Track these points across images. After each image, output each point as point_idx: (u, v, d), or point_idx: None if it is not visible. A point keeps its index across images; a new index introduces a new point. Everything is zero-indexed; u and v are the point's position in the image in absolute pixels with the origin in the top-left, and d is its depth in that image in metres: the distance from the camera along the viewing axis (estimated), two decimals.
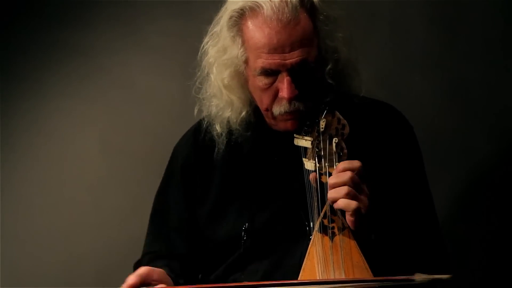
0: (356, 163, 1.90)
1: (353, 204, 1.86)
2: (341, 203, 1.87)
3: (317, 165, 1.96)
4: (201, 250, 2.18)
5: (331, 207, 1.92)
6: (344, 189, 1.86)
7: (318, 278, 1.89)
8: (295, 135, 2.02)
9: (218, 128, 2.13)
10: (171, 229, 2.19)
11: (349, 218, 1.89)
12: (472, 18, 2.84)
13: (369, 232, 1.93)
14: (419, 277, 1.83)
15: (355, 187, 1.87)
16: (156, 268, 1.94)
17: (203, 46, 2.10)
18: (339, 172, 1.90)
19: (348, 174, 1.88)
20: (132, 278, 1.87)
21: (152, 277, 1.91)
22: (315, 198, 1.94)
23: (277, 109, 2.01)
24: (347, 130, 1.98)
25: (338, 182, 1.88)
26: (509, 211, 2.80)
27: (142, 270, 1.90)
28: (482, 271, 2.80)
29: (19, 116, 2.94)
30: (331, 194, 1.89)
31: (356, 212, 1.87)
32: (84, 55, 2.93)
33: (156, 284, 1.90)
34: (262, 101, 2.04)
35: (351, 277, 1.88)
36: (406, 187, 2.10)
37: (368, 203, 1.89)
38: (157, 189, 2.26)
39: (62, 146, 2.95)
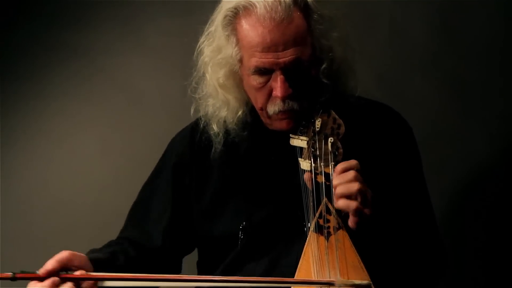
0: (353, 162, 1.91)
1: (352, 204, 1.87)
2: (342, 204, 1.87)
3: (313, 165, 1.96)
4: (179, 247, 2.19)
5: (327, 206, 1.92)
6: (355, 185, 1.87)
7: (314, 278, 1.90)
8: (290, 135, 2.02)
9: (214, 127, 2.13)
10: (150, 220, 2.19)
11: (352, 219, 1.89)
12: (472, 18, 2.83)
13: (369, 232, 1.93)
14: (339, 281, 1.85)
15: (362, 184, 1.88)
16: (78, 253, 1.92)
17: (199, 46, 2.10)
18: (341, 172, 1.90)
19: (352, 173, 1.88)
20: (51, 263, 1.85)
21: (73, 262, 1.89)
22: (311, 198, 1.94)
23: (272, 108, 2.01)
24: (342, 129, 1.98)
25: (343, 180, 1.88)
26: (508, 212, 2.79)
27: (63, 254, 1.88)
28: (481, 272, 2.80)
29: (19, 117, 2.95)
30: (340, 189, 1.88)
31: (358, 213, 1.87)
32: (84, 55, 2.94)
33: (76, 270, 1.87)
34: (257, 100, 2.04)
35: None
36: (404, 187, 2.10)
37: (372, 202, 1.89)
38: (146, 179, 2.27)
39: (62, 146, 2.96)
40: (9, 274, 1.78)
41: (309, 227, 1.94)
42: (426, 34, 2.87)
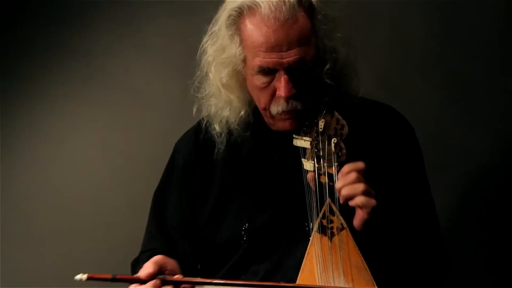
0: (360, 164, 1.91)
1: (372, 201, 1.87)
2: (361, 200, 1.87)
3: (316, 165, 1.96)
4: (201, 250, 2.18)
5: (330, 207, 1.92)
6: (361, 186, 1.87)
7: (317, 279, 1.90)
8: (294, 135, 2.02)
9: (217, 127, 2.12)
10: (171, 227, 2.19)
11: (363, 217, 1.89)
12: (472, 18, 2.83)
13: (372, 233, 1.93)
14: None
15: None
16: (169, 258, 1.95)
17: (202, 45, 2.09)
18: (345, 174, 1.90)
19: (355, 174, 1.88)
20: (150, 266, 1.88)
21: (166, 266, 1.93)
22: (314, 199, 1.94)
23: (275, 108, 2.00)
24: (346, 130, 1.98)
25: (347, 182, 1.89)
26: (509, 212, 2.79)
27: (158, 258, 1.92)
28: (482, 272, 2.80)
29: (20, 118, 2.95)
30: (345, 191, 1.88)
31: (372, 211, 1.87)
32: (84, 56, 2.94)
33: (170, 274, 1.90)
34: (260, 100, 2.03)
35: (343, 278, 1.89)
36: (407, 188, 2.10)
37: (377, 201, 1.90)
38: (157, 187, 2.26)
39: (62, 146, 2.95)
40: (109, 275, 1.78)
41: (311, 228, 1.95)
42: (426, 34, 2.86)
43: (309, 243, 1.93)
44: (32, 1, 2.95)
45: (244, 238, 2.07)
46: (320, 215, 1.93)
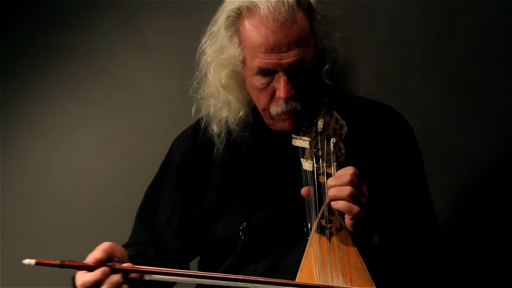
0: (351, 169, 1.90)
1: (355, 208, 1.87)
2: (342, 205, 1.87)
3: (315, 165, 1.96)
4: (192, 247, 2.18)
5: (329, 207, 1.92)
6: (347, 189, 1.87)
7: (315, 279, 1.89)
8: (293, 135, 2.02)
9: (215, 128, 2.13)
10: (161, 223, 2.19)
11: (348, 221, 1.90)
12: (472, 18, 2.84)
13: (368, 234, 1.93)
14: None
15: (356, 188, 1.88)
16: (119, 246, 1.90)
17: (201, 46, 2.09)
18: (338, 175, 1.90)
19: (347, 177, 1.88)
20: (99, 253, 1.83)
21: (115, 253, 1.87)
22: (313, 199, 1.94)
23: (274, 109, 2.00)
24: (345, 130, 1.98)
25: (337, 183, 1.88)
26: (509, 212, 2.79)
27: (107, 245, 1.86)
28: (482, 272, 2.80)
29: (19, 117, 2.95)
30: (332, 192, 1.88)
31: (356, 216, 1.87)
32: (84, 56, 2.94)
33: (119, 262, 1.85)
34: (260, 101, 2.03)
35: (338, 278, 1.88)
36: (406, 188, 2.10)
37: (366, 206, 1.89)
38: (151, 182, 2.26)
39: (62, 146, 2.95)
40: (57, 261, 1.76)
41: (310, 228, 1.95)
42: (426, 34, 2.87)
43: (308, 243, 1.93)
44: (32, 1, 2.95)
45: (242, 238, 2.07)
46: (319, 215, 1.94)
